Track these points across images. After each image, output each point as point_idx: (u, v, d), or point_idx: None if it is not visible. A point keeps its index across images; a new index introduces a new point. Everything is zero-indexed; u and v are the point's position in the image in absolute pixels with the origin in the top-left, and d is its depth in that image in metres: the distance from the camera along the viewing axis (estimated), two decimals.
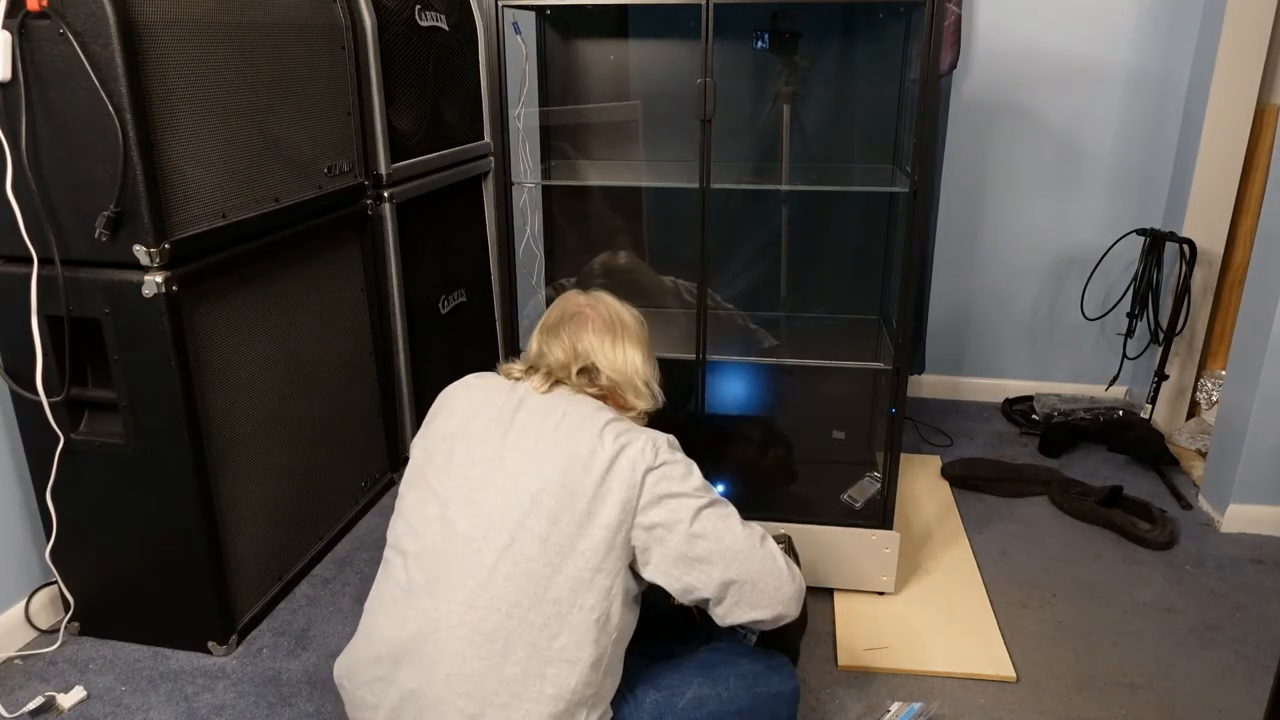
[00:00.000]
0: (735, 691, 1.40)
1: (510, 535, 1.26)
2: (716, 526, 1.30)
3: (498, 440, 1.33)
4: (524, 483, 1.28)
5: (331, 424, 2.21)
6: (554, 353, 1.44)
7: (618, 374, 1.44)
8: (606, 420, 1.34)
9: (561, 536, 1.26)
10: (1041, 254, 3.03)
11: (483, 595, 1.24)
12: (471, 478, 1.31)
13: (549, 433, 1.32)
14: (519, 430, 1.33)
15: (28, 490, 1.91)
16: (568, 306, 1.50)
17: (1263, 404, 2.25)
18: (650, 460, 1.29)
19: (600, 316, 1.48)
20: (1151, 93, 2.83)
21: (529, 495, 1.27)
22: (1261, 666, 1.86)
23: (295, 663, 1.87)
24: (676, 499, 1.29)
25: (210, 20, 1.71)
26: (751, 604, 1.32)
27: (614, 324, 1.48)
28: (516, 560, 1.25)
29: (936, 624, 1.97)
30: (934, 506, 2.48)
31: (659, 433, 1.36)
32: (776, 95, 2.12)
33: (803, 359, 2.05)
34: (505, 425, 1.34)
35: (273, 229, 1.93)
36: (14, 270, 1.68)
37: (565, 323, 1.47)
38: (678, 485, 1.30)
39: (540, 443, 1.31)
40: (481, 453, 1.33)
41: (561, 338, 1.45)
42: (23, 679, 1.83)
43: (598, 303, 1.51)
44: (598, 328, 1.46)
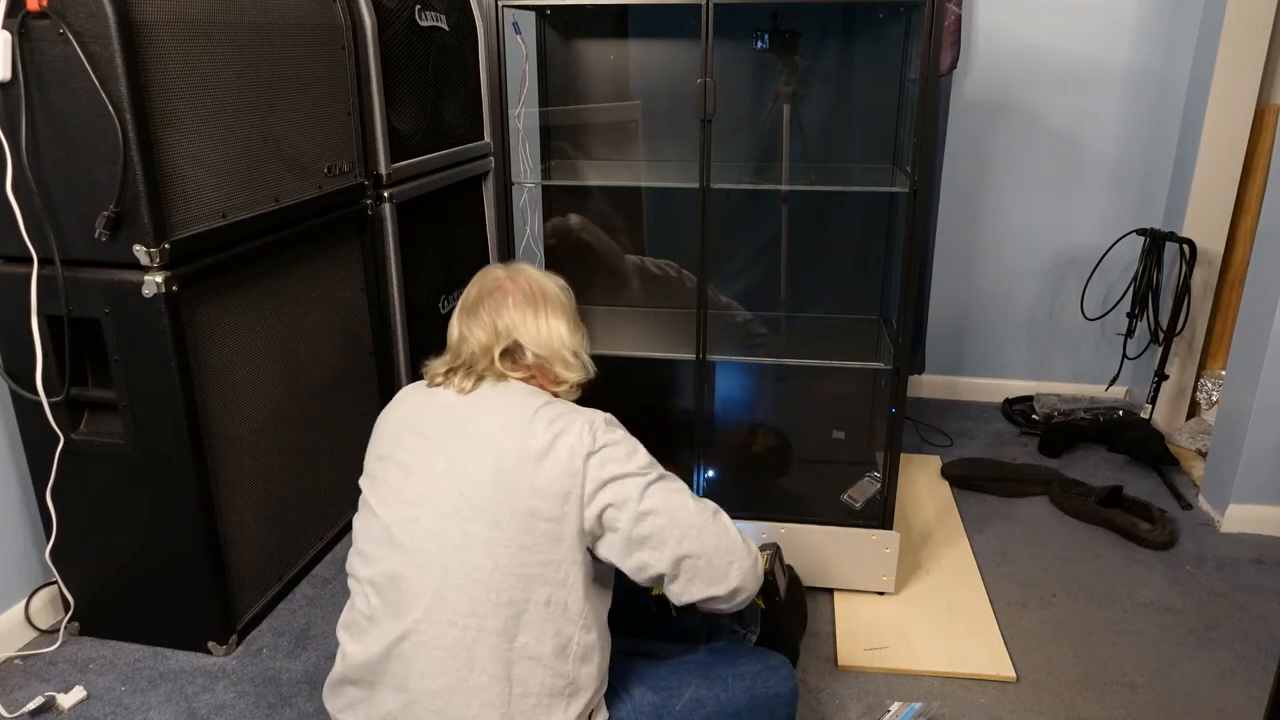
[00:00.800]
0: (733, 692, 1.40)
1: (453, 546, 1.23)
2: (667, 502, 1.26)
3: (429, 453, 1.29)
4: (459, 489, 1.25)
5: (332, 424, 2.21)
6: (475, 334, 1.38)
7: (543, 349, 1.38)
8: (536, 409, 1.29)
9: (505, 537, 1.22)
10: (1041, 254, 3.03)
11: (438, 611, 1.22)
12: (407, 494, 1.28)
13: (477, 434, 1.28)
14: (447, 438, 1.29)
15: (28, 490, 1.91)
16: (485, 282, 1.43)
17: (1263, 404, 2.24)
18: (590, 444, 1.25)
19: (520, 289, 1.41)
20: (1151, 92, 2.83)
21: (465, 502, 1.24)
22: (1261, 666, 1.86)
23: (295, 663, 1.87)
24: (622, 480, 1.25)
25: (210, 20, 1.71)
26: (706, 579, 1.29)
27: (535, 295, 1.41)
28: (464, 570, 1.22)
29: (936, 624, 1.97)
30: (934, 506, 2.48)
31: (595, 412, 1.32)
32: (776, 95, 2.12)
33: (803, 359, 2.05)
34: (434, 436, 1.31)
35: (273, 229, 1.93)
36: (14, 270, 1.68)
37: (484, 300, 1.40)
38: (621, 465, 1.26)
39: (469, 446, 1.27)
40: (415, 467, 1.29)
41: (481, 316, 1.38)
42: (23, 679, 1.83)
43: (516, 275, 1.44)
44: (518, 301, 1.39)
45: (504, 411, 1.30)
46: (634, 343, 2.10)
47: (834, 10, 2.07)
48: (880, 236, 2.23)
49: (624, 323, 2.25)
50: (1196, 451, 2.74)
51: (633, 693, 1.36)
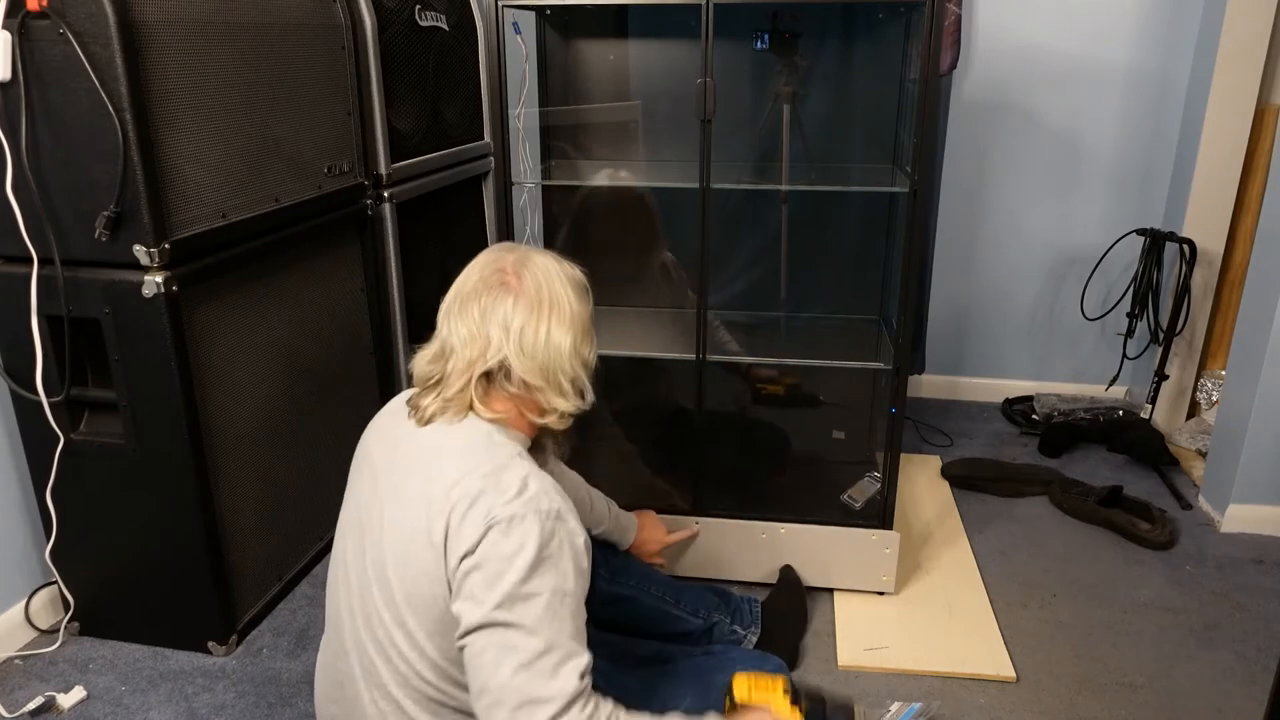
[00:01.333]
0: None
1: (377, 618, 1.15)
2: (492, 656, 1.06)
3: (369, 497, 1.21)
4: (379, 557, 1.16)
5: (332, 424, 2.21)
6: (458, 335, 1.19)
7: (536, 374, 1.18)
8: (460, 474, 1.11)
9: (418, 617, 1.12)
10: (1041, 254, 3.03)
11: (370, 676, 1.18)
12: (356, 535, 1.21)
13: (413, 488, 1.15)
14: (392, 480, 1.18)
15: (28, 490, 1.91)
16: (487, 271, 1.23)
17: (1263, 404, 2.24)
18: (470, 543, 1.06)
19: (525, 289, 1.20)
20: (1151, 92, 2.83)
21: (380, 573, 1.14)
22: (1261, 666, 1.86)
23: (295, 663, 1.87)
24: (472, 603, 1.07)
25: (210, 20, 1.71)
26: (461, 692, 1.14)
27: (540, 300, 1.20)
28: (382, 645, 1.15)
29: (936, 624, 1.97)
30: (934, 506, 2.48)
31: (522, 503, 1.08)
32: (776, 95, 2.12)
33: (803, 359, 2.05)
34: (376, 480, 1.21)
35: (273, 229, 1.93)
36: (14, 270, 1.68)
37: (481, 293, 1.20)
38: (482, 590, 1.06)
39: (402, 492, 1.15)
40: (360, 515, 1.22)
41: (471, 313, 1.19)
42: (23, 679, 1.83)
43: (526, 267, 1.22)
44: (519, 305, 1.19)
45: (432, 470, 1.14)
46: (634, 343, 2.10)
47: (834, 10, 2.07)
48: (880, 236, 2.23)
49: (624, 323, 2.25)
50: (1196, 451, 2.74)
51: (628, 704, 1.34)
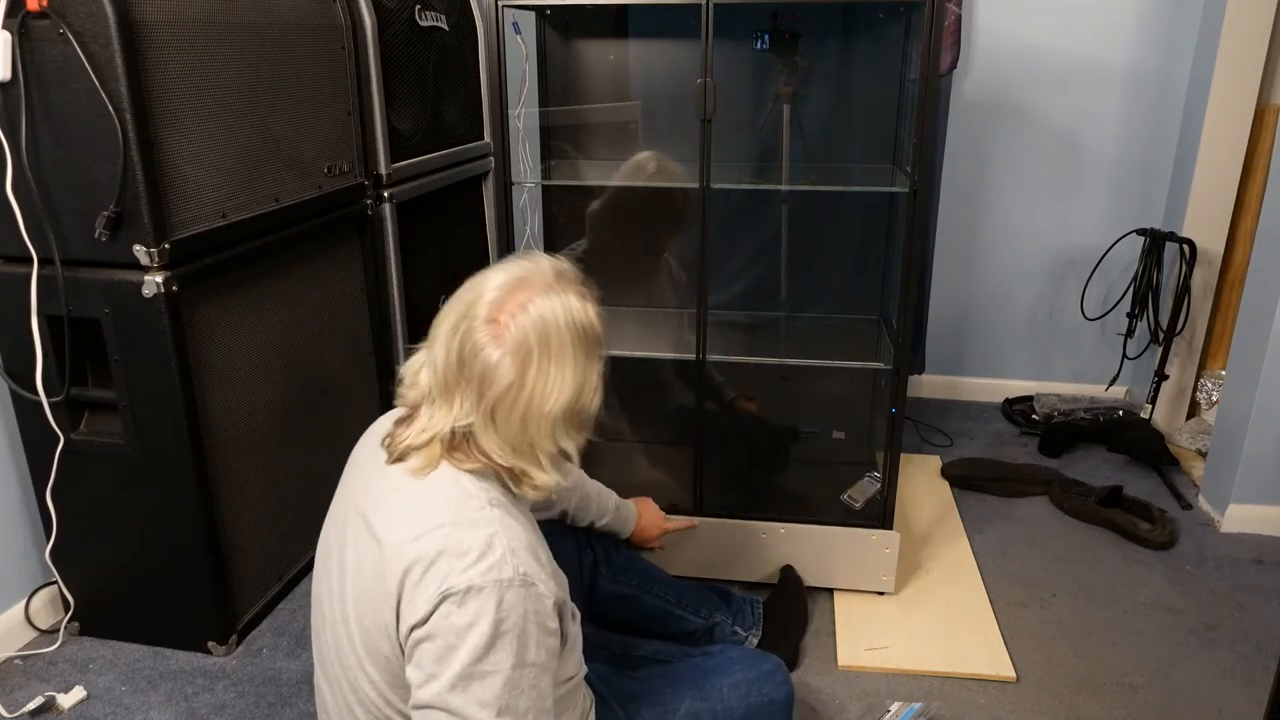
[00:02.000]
0: (729, 703, 1.39)
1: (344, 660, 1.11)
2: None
3: (350, 523, 1.12)
4: (348, 593, 1.08)
5: (332, 424, 2.21)
6: (438, 365, 1.04)
7: (508, 451, 1.03)
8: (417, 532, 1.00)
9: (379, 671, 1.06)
10: (1041, 254, 3.03)
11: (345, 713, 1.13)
12: (330, 563, 1.15)
13: (365, 537, 1.06)
14: (365, 512, 1.09)
15: (28, 490, 1.91)
16: (477, 306, 1.02)
17: (1263, 404, 2.24)
18: (422, 614, 0.97)
19: (514, 342, 0.99)
20: (1151, 92, 2.83)
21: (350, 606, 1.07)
22: (1261, 666, 1.86)
23: (295, 663, 1.87)
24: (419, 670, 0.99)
25: (210, 20, 1.71)
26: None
27: (528, 363, 1.00)
28: (353, 683, 1.10)
29: (936, 624, 1.97)
30: (934, 506, 2.48)
31: (481, 570, 0.97)
32: (776, 95, 2.12)
33: (803, 359, 2.05)
34: (358, 503, 1.12)
35: (273, 229, 1.93)
36: (14, 270, 1.68)
37: (468, 329, 1.02)
38: (430, 661, 0.97)
39: (375, 529, 1.06)
40: (335, 547, 1.15)
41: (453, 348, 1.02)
42: (23, 679, 1.83)
43: (528, 308, 1.01)
44: (500, 366, 0.99)
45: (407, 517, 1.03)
46: (634, 343, 2.10)
47: (834, 10, 2.07)
48: (880, 236, 2.23)
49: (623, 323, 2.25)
50: (1196, 451, 2.74)
51: (627, 708, 1.34)
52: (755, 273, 2.30)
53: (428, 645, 0.97)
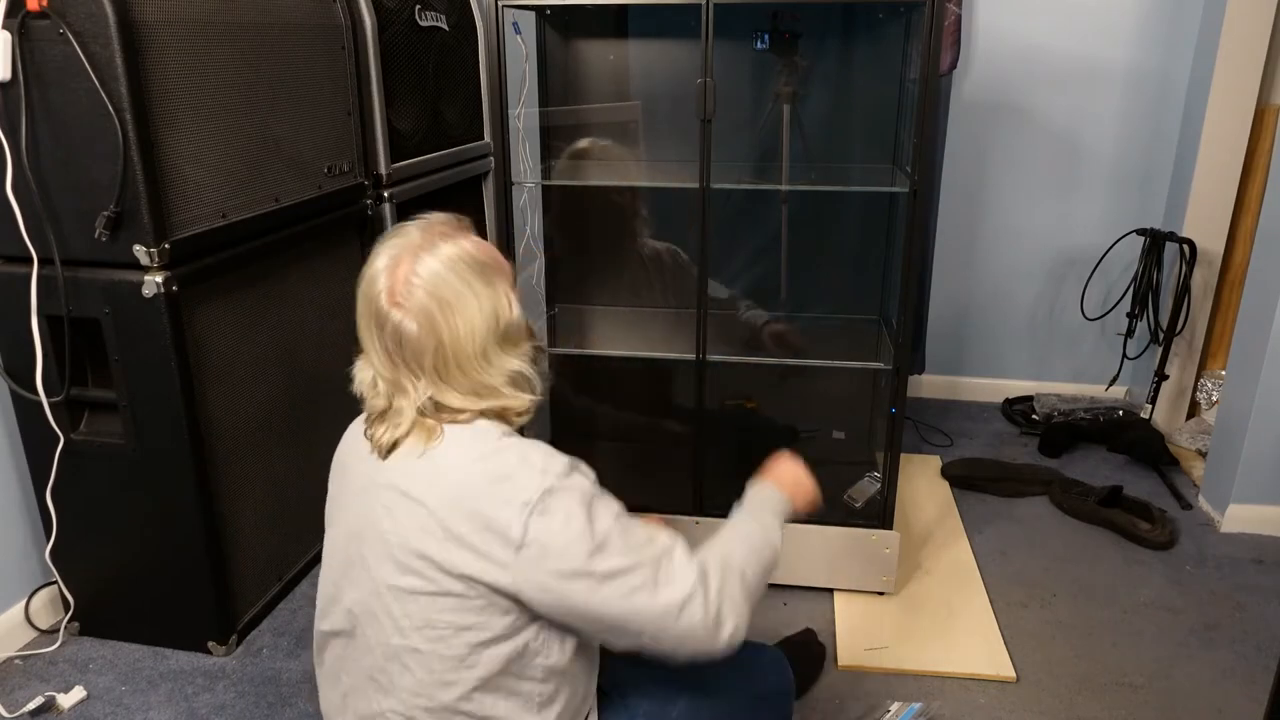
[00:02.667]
0: (730, 694, 1.39)
1: (390, 628, 1.11)
2: (620, 609, 1.08)
3: (361, 510, 1.14)
4: (389, 566, 1.10)
5: (332, 424, 2.20)
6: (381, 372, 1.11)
7: (472, 397, 1.11)
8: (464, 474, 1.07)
9: (441, 619, 1.08)
10: (1041, 254, 3.03)
11: (386, 686, 1.13)
12: (350, 552, 1.15)
13: (403, 502, 1.09)
14: (375, 496, 1.12)
15: (28, 490, 1.91)
16: (374, 290, 1.09)
17: (1263, 404, 2.24)
18: (518, 535, 1.03)
19: (413, 314, 1.07)
20: (1151, 92, 2.83)
21: (394, 578, 1.09)
22: (1261, 666, 1.86)
23: (295, 663, 1.87)
24: (561, 579, 1.05)
25: (210, 20, 1.71)
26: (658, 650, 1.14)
27: (433, 316, 1.07)
28: (397, 653, 1.11)
29: (936, 624, 1.97)
30: (934, 506, 2.48)
31: (539, 476, 1.06)
32: (776, 95, 2.12)
33: (803, 359, 2.05)
34: (363, 491, 1.15)
35: (273, 229, 1.93)
36: (14, 270, 1.68)
37: (378, 324, 1.09)
38: (559, 561, 1.04)
39: (396, 514, 1.09)
40: (351, 531, 1.16)
41: (381, 348, 1.10)
42: (23, 679, 1.83)
43: (411, 279, 1.08)
44: (418, 334, 1.07)
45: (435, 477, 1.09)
46: (634, 343, 2.10)
47: (834, 10, 2.07)
48: (880, 236, 2.23)
49: (624, 323, 2.25)
50: (1196, 451, 2.74)
51: (627, 701, 1.34)
52: (755, 273, 2.30)
53: (548, 561, 1.04)
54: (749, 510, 1.33)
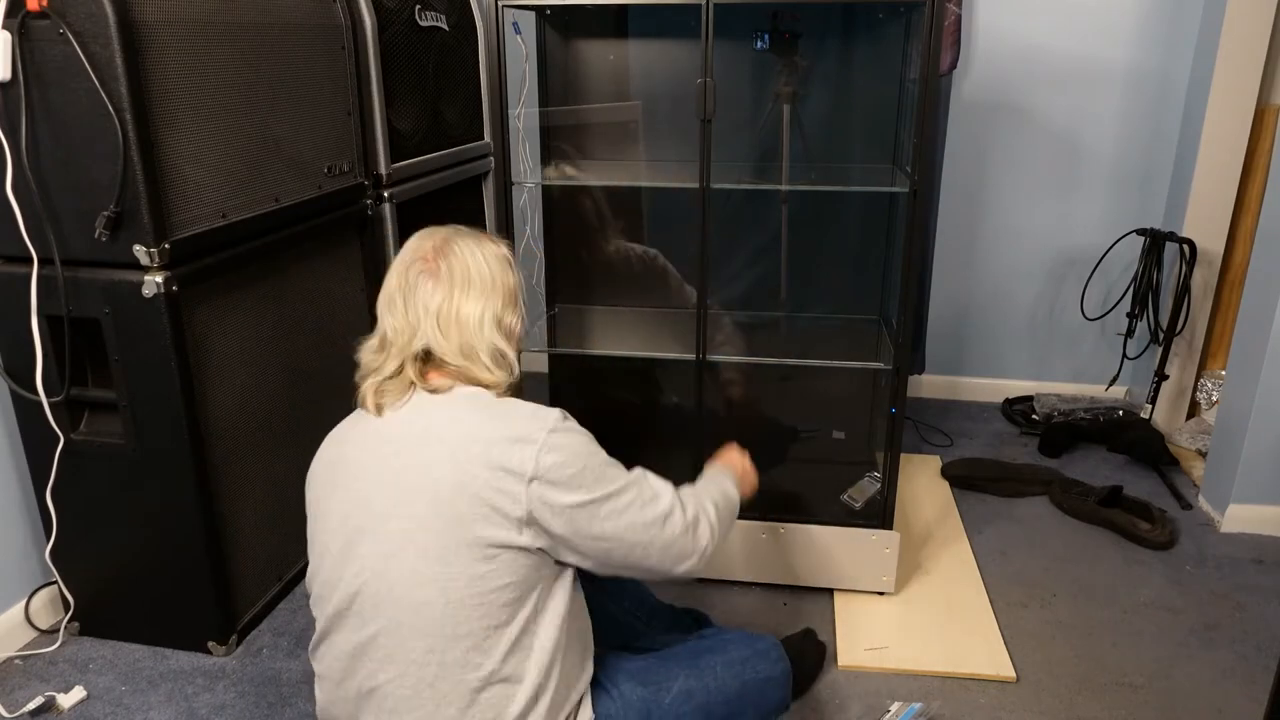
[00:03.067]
0: (723, 680, 1.39)
1: (402, 584, 1.17)
2: (617, 526, 1.22)
3: (362, 485, 1.22)
4: (399, 525, 1.17)
5: (331, 424, 2.20)
6: (396, 330, 1.25)
7: (456, 352, 1.24)
8: (471, 426, 1.19)
9: (454, 570, 1.16)
10: (1041, 254, 3.03)
11: (397, 651, 1.18)
12: (347, 529, 1.21)
13: (413, 458, 1.19)
14: (380, 465, 1.21)
15: (28, 490, 1.91)
16: (407, 257, 1.27)
17: (1263, 404, 2.24)
18: (530, 469, 1.16)
19: (441, 270, 1.25)
20: (1151, 92, 2.83)
21: (408, 538, 1.16)
22: (1261, 666, 1.86)
23: (295, 663, 1.87)
24: (569, 509, 1.18)
25: (210, 20, 1.71)
26: (645, 572, 1.31)
27: (454, 279, 1.25)
28: (415, 609, 1.17)
29: (936, 624, 1.97)
30: (934, 506, 2.48)
31: (537, 423, 1.19)
32: (776, 95, 2.12)
33: (803, 359, 2.05)
34: (366, 467, 1.22)
35: (273, 229, 1.93)
36: (14, 270, 1.68)
37: (404, 282, 1.25)
38: (567, 494, 1.18)
39: (405, 475, 1.18)
40: (352, 501, 1.23)
41: (398, 303, 1.25)
42: (23, 679, 1.83)
43: (445, 248, 1.26)
44: (435, 286, 1.24)
45: (433, 435, 1.19)
46: (634, 343, 2.10)
47: (834, 10, 2.07)
48: (880, 236, 2.23)
49: (624, 323, 2.25)
50: (1196, 451, 2.74)
51: (621, 687, 1.34)
52: (755, 273, 2.30)
53: (553, 476, 1.17)
54: (707, 477, 1.51)
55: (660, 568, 1.30)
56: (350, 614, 1.22)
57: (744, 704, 1.41)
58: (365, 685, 1.21)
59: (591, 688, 1.32)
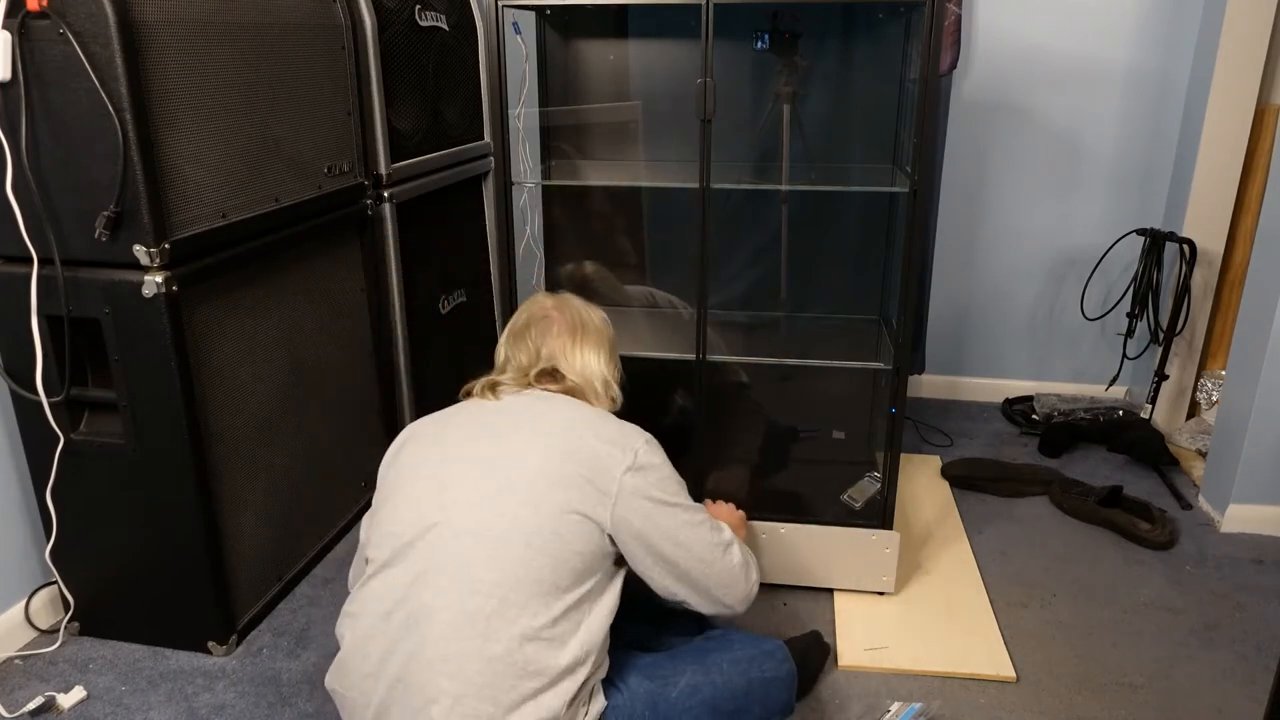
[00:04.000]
0: (729, 677, 1.41)
1: (489, 517, 1.28)
2: (688, 536, 1.38)
3: (469, 441, 1.37)
4: (502, 474, 1.31)
5: (331, 424, 2.21)
6: (518, 357, 1.51)
7: (578, 376, 1.50)
8: (585, 415, 1.39)
9: (539, 522, 1.27)
10: (1041, 254, 3.03)
11: (463, 578, 1.25)
12: (443, 476, 1.33)
13: (526, 425, 1.37)
14: (491, 428, 1.38)
15: (28, 490, 1.91)
16: (534, 310, 1.56)
17: (1263, 404, 2.25)
18: (630, 461, 1.34)
19: (565, 320, 1.54)
20: (1151, 92, 2.83)
21: (509, 484, 1.30)
22: (1261, 666, 1.86)
23: (295, 663, 1.87)
24: (652, 504, 1.34)
25: (210, 20, 1.71)
26: (701, 597, 1.44)
27: (576, 327, 1.54)
28: (495, 543, 1.26)
29: (936, 624, 1.97)
30: (934, 506, 2.48)
31: (638, 432, 1.40)
32: (776, 95, 2.12)
33: (803, 359, 2.05)
34: (476, 428, 1.39)
35: (273, 229, 1.93)
36: (14, 270, 1.68)
37: (531, 326, 1.53)
38: (655, 490, 1.35)
39: (515, 435, 1.35)
40: (454, 453, 1.36)
41: (526, 342, 1.52)
42: (23, 679, 1.83)
43: (564, 305, 1.56)
44: (561, 329, 1.52)
45: (553, 411, 1.40)
46: (634, 343, 2.10)
47: (834, 10, 2.07)
48: (880, 236, 2.23)
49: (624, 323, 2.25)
50: (1196, 451, 2.74)
51: (629, 681, 1.36)
52: (755, 273, 2.30)
53: (646, 472, 1.35)
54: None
55: (714, 592, 1.44)
56: (421, 543, 1.28)
57: (750, 701, 1.42)
58: (417, 612, 1.25)
59: (601, 682, 1.34)
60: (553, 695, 1.24)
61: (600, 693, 1.33)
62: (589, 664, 1.29)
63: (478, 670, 1.22)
